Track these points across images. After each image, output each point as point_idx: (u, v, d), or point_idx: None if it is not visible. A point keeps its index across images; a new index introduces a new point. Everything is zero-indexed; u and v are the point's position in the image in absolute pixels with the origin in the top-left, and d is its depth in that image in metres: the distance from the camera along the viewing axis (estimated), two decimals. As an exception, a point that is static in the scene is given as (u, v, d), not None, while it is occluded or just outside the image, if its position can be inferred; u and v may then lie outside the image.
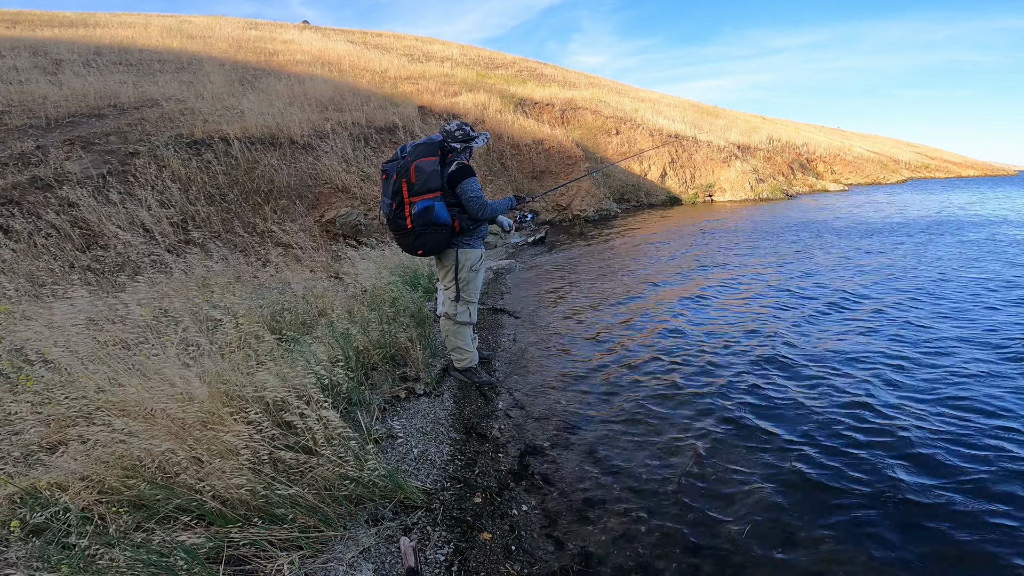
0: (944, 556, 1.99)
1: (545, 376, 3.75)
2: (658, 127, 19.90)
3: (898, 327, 4.50)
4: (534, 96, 19.00)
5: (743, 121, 31.43)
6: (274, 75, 14.41)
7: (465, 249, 3.14)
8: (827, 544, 2.05)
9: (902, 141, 52.08)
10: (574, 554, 2.03)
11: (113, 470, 1.84)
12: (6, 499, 1.79)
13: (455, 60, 25.15)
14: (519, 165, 14.40)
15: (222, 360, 2.44)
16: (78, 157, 7.37)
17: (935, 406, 3.10)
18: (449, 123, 3.10)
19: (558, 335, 4.65)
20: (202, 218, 7.18)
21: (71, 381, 2.21)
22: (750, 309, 5.27)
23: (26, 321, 2.90)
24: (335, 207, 8.50)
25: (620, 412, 3.18)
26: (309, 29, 27.57)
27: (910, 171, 35.13)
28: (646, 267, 7.62)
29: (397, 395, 3.03)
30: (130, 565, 1.52)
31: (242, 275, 4.79)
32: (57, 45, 14.02)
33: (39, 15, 21.29)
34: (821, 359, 3.87)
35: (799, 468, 2.54)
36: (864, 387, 3.37)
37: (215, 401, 2.06)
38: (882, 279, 6.32)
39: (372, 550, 1.81)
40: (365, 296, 4.36)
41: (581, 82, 28.01)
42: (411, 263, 5.49)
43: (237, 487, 1.77)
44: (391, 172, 2.90)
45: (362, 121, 11.42)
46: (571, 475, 2.55)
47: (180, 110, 9.86)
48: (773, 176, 21.49)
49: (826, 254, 8.09)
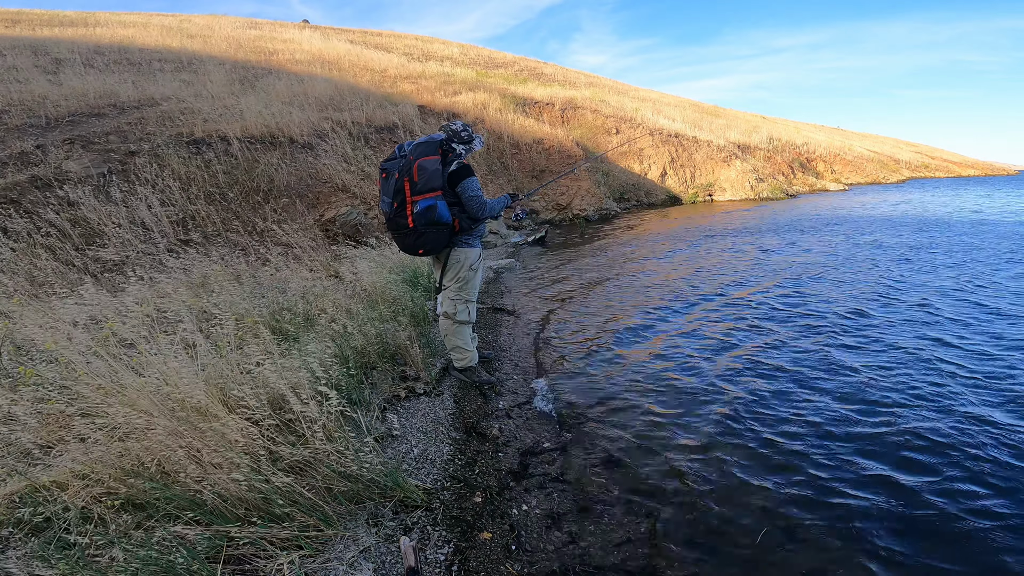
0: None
1: (546, 375, 3.75)
2: (658, 126, 19.89)
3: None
4: (534, 95, 18.99)
5: (743, 121, 31.41)
6: (274, 74, 14.40)
7: (464, 248, 3.14)
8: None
9: (902, 141, 52.07)
10: (574, 554, 2.03)
11: (112, 469, 1.83)
12: (6, 498, 1.78)
13: (455, 59, 25.14)
14: (519, 164, 14.39)
15: (221, 358, 2.43)
16: (78, 156, 7.36)
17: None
18: (454, 123, 3.10)
19: (558, 334, 4.65)
20: (202, 217, 7.17)
21: (74, 379, 2.21)
22: (756, 310, 5.26)
23: (25, 320, 2.90)
24: (335, 206, 8.50)
25: (620, 412, 3.18)
26: (309, 28, 27.55)
27: (910, 171, 35.12)
28: (646, 266, 7.61)
29: (397, 394, 3.03)
30: (129, 563, 1.51)
31: (242, 274, 4.79)
32: (57, 44, 14.01)
33: (39, 14, 21.27)
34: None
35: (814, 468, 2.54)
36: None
37: (214, 399, 2.06)
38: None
39: (372, 549, 1.81)
40: (365, 295, 4.36)
41: (581, 81, 27.99)
42: (410, 262, 5.48)
43: (236, 481, 1.77)
44: (392, 171, 2.89)
45: (362, 120, 11.41)
46: (571, 475, 2.54)
47: (180, 109, 9.85)
48: (773, 176, 21.48)
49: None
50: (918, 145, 50.39)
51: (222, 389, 2.16)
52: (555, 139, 15.51)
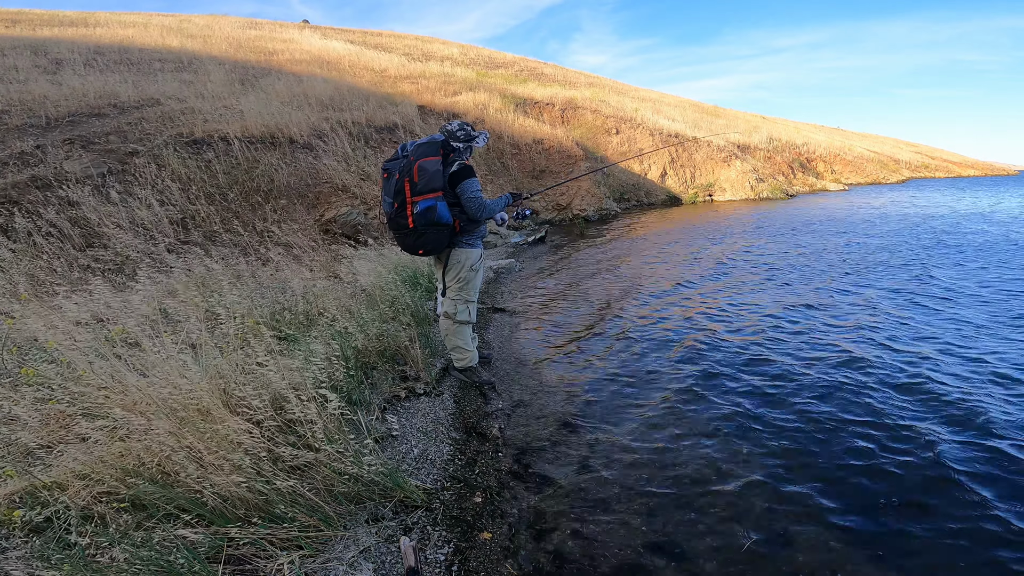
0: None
1: (545, 375, 3.75)
2: (658, 127, 19.89)
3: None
4: (534, 96, 18.98)
5: (743, 121, 31.41)
6: (274, 74, 14.40)
7: (465, 249, 3.14)
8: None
9: (902, 141, 52.08)
10: (575, 553, 2.03)
11: (113, 469, 1.84)
12: (6, 497, 1.79)
13: (455, 59, 25.13)
14: (519, 164, 14.39)
15: (222, 358, 2.43)
16: (78, 156, 7.37)
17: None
18: (451, 123, 3.10)
19: (558, 334, 4.65)
20: (202, 217, 7.17)
21: (75, 378, 2.21)
22: (766, 311, 5.27)
23: (26, 320, 2.90)
24: (335, 207, 8.50)
25: (621, 411, 3.18)
26: (309, 28, 27.57)
27: (910, 171, 35.12)
28: (646, 266, 7.61)
29: (397, 394, 3.03)
30: (130, 564, 1.52)
31: (242, 274, 4.79)
32: (57, 44, 14.01)
33: (39, 14, 21.28)
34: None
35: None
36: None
37: (215, 399, 2.06)
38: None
39: (372, 550, 1.81)
40: (365, 295, 4.36)
41: (581, 82, 27.99)
42: (411, 262, 5.48)
43: (237, 483, 1.77)
44: (393, 171, 2.90)
45: (362, 120, 11.41)
46: (571, 474, 2.55)
47: (180, 109, 9.85)
48: (773, 176, 21.48)
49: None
50: (918, 145, 50.40)
51: (224, 391, 2.16)
52: (555, 139, 15.51)
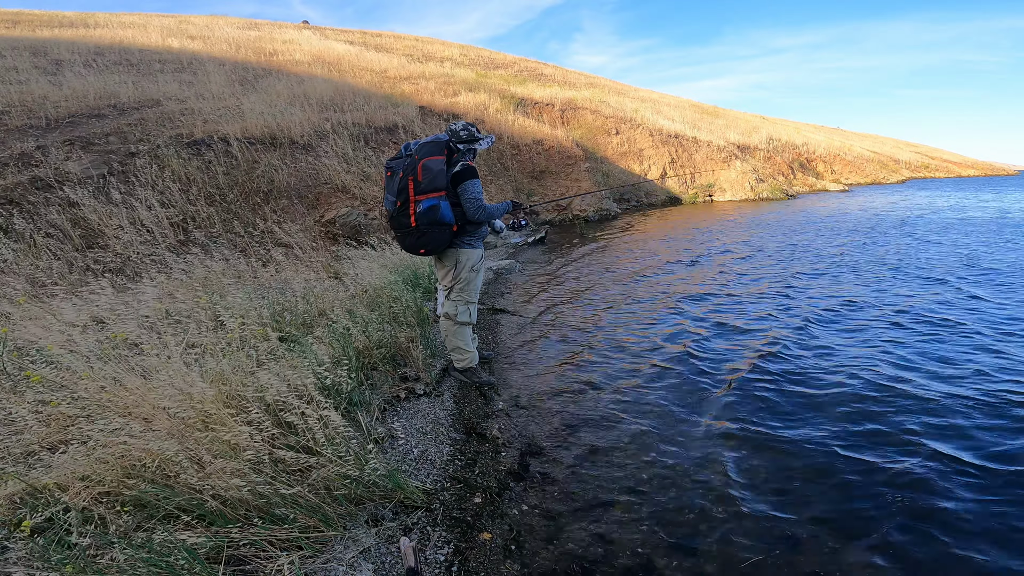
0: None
1: (545, 376, 3.75)
2: (658, 127, 19.90)
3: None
4: (534, 96, 18.99)
5: (743, 121, 31.42)
6: (274, 75, 14.41)
7: (466, 249, 3.14)
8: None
9: (902, 141, 52.11)
10: (574, 554, 2.03)
11: (113, 470, 1.84)
12: (6, 499, 1.79)
13: (455, 60, 25.15)
14: (519, 165, 14.39)
15: (223, 359, 2.44)
16: (78, 157, 7.37)
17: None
18: (455, 123, 3.11)
19: (558, 334, 4.65)
20: (202, 218, 7.17)
21: (76, 380, 2.21)
22: (762, 311, 5.27)
23: (27, 321, 2.91)
24: (335, 207, 8.50)
25: (621, 411, 3.19)
26: (309, 29, 27.56)
27: (910, 171, 35.14)
28: (646, 267, 7.62)
29: (397, 395, 3.03)
30: (131, 564, 1.52)
31: (242, 275, 4.79)
32: (57, 45, 14.01)
33: (39, 15, 21.29)
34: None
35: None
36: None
37: (216, 401, 2.06)
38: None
39: (372, 550, 1.81)
40: (365, 296, 4.36)
41: (581, 82, 28.00)
42: (411, 263, 5.48)
43: (237, 487, 1.77)
44: (397, 169, 2.90)
45: (362, 121, 11.41)
46: (572, 475, 2.55)
47: (180, 110, 9.85)
48: (773, 176, 21.50)
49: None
50: (918, 145, 50.43)
51: (226, 393, 2.16)
52: (555, 140, 15.52)
